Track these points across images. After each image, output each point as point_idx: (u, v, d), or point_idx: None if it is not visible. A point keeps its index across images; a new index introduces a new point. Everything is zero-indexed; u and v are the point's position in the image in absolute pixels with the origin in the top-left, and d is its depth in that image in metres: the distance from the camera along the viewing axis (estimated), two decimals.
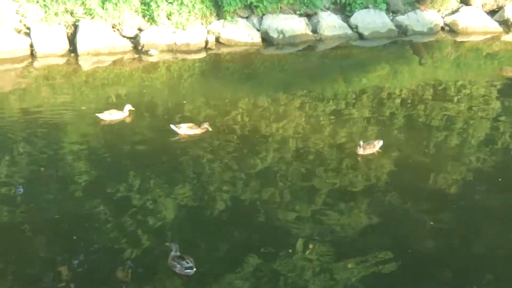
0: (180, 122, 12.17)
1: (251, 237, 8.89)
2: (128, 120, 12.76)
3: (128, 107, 12.77)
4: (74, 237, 8.76)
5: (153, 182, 10.25)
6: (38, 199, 9.77)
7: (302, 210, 9.52)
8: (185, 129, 11.92)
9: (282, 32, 18.89)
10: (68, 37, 17.30)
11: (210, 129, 12.02)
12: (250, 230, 9.06)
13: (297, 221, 9.27)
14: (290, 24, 19.10)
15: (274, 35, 18.83)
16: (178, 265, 7.99)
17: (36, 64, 16.59)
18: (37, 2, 17.44)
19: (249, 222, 9.24)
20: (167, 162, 11.02)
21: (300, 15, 19.49)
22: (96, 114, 12.62)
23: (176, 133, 11.91)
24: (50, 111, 13.21)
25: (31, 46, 16.85)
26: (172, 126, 11.93)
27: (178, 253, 8.10)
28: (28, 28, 17.08)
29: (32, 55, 16.81)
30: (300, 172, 10.76)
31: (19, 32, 17.02)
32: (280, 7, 19.20)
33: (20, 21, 17.22)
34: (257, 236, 8.91)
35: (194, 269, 7.96)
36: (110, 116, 12.61)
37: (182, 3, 18.07)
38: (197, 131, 11.96)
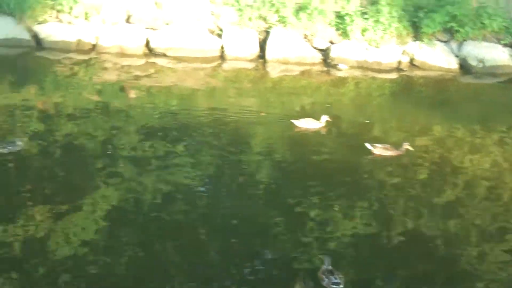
0: (370, 141, 12.09)
1: (427, 272, 8.63)
2: (323, 131, 12.92)
3: (325, 118, 12.93)
4: (233, 240, 9.01)
5: (333, 198, 10.30)
6: (217, 199, 10.10)
7: (490, 253, 9.14)
8: (380, 150, 11.87)
9: (482, 60, 18.24)
10: (258, 43, 17.79)
11: (411, 149, 11.90)
12: (427, 264, 8.79)
13: (482, 263, 8.92)
14: (492, 53, 18.40)
15: (473, 63, 18.24)
16: (326, 279, 8.04)
17: (225, 66, 17.25)
18: (233, 5, 18.12)
19: (427, 256, 8.99)
20: (352, 180, 11.00)
21: (505, 45, 18.74)
22: (292, 121, 12.91)
23: (369, 152, 11.87)
24: (236, 113, 13.64)
25: (222, 48, 17.51)
26: (367, 145, 11.91)
27: (330, 267, 8.13)
28: (221, 30, 17.77)
29: (222, 56, 17.47)
30: (491, 211, 10.34)
31: (212, 33, 17.75)
32: (483, 35, 18.60)
33: (214, 23, 17.96)
34: (433, 272, 8.62)
35: (342, 286, 7.95)
36: (306, 124, 12.86)
37: (378, 20, 18.00)
38: (392, 153, 11.87)
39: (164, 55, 17.09)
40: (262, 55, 17.65)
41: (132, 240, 8.83)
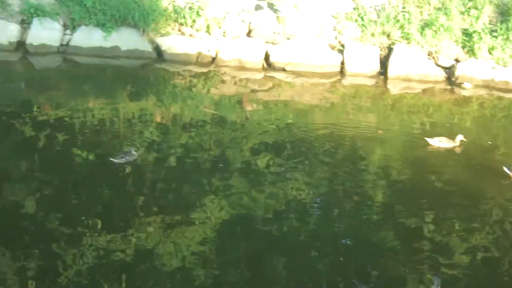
0: (500, 164, 11.75)
1: None
2: (457, 150, 12.67)
3: (460, 137, 12.72)
4: (342, 259, 8.91)
5: (452, 221, 10.04)
6: (329, 217, 10.00)
7: None
8: None
9: None
10: (380, 59, 17.51)
11: None
12: None
13: None
14: None
15: None
16: None
17: (344, 81, 17.09)
18: (356, 21, 17.98)
19: None
20: (476, 203, 10.69)
21: None
22: (425, 138, 12.79)
23: (505, 176, 11.49)
24: (354, 129, 13.46)
25: (342, 63, 17.37)
26: (505, 169, 11.55)
27: None
28: (342, 46, 17.63)
29: (342, 72, 17.33)
30: None
31: (333, 48, 17.65)
32: None
33: (336, 38, 17.85)
34: None
35: None
36: (440, 143, 12.69)
37: (508, 38, 17.39)
38: None
39: (283, 70, 17.13)
40: (383, 72, 17.40)
41: (241, 254, 8.88)
